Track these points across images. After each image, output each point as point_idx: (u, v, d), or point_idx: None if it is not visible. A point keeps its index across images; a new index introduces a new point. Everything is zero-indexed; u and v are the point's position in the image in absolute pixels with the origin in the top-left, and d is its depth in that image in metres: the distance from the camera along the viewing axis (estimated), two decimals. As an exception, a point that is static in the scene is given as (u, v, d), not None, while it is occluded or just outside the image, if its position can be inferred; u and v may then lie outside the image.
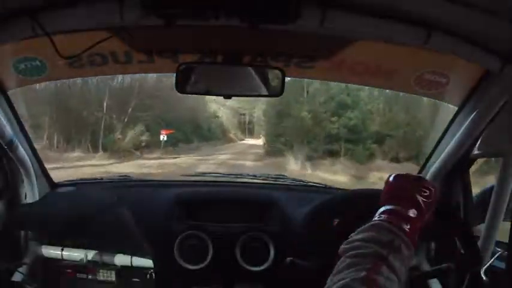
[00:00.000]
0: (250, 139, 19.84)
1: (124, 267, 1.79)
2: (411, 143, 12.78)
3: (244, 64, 1.55)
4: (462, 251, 1.26)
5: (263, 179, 2.19)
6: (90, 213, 1.76)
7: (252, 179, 2.25)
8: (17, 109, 1.67)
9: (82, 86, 13.40)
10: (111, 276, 1.80)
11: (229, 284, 1.73)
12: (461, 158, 1.66)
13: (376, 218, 0.92)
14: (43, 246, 1.82)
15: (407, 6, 1.10)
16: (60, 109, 12.81)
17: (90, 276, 1.81)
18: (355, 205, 1.55)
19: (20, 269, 1.73)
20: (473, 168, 1.73)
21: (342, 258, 0.84)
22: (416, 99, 12.04)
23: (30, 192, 1.81)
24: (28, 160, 1.74)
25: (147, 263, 1.75)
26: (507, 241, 1.38)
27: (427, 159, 1.82)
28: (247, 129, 21.00)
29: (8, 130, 1.58)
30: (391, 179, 1.03)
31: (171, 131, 14.11)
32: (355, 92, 13.94)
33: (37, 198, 1.83)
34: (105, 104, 13.71)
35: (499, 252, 1.48)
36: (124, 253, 1.77)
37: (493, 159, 1.88)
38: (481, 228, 1.52)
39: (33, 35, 1.14)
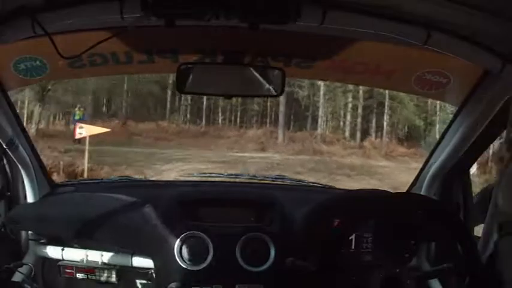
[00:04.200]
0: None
1: (124, 267, 1.78)
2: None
3: (244, 64, 1.55)
4: (461, 253, 1.26)
5: (263, 179, 2.19)
6: (90, 214, 1.76)
7: (251, 179, 2.25)
8: (17, 109, 1.67)
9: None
10: (111, 276, 1.80)
11: (230, 284, 1.72)
12: (461, 158, 1.66)
13: None
14: (43, 246, 1.81)
15: (407, 6, 1.10)
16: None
17: (90, 276, 1.80)
18: (355, 205, 1.55)
19: (20, 269, 1.72)
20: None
21: None
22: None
23: (30, 192, 1.81)
24: (28, 160, 1.74)
25: (147, 263, 1.75)
26: None
27: (428, 159, 1.82)
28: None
29: (8, 130, 1.58)
30: None
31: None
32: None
33: (37, 198, 1.83)
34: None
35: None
36: (124, 253, 1.77)
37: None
38: (481, 229, 1.52)
39: (34, 35, 1.14)
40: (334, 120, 15.11)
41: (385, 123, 15.17)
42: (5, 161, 1.70)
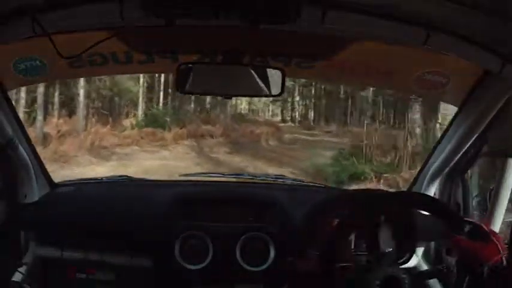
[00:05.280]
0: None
1: (124, 267, 1.79)
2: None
3: (244, 64, 1.55)
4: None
5: (263, 179, 2.20)
6: (90, 213, 1.76)
7: (251, 179, 2.26)
8: (17, 109, 1.67)
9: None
10: (111, 276, 1.80)
11: (229, 284, 1.73)
12: (461, 157, 1.66)
13: None
14: (43, 246, 1.81)
15: (407, 6, 1.10)
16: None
17: (90, 276, 1.81)
18: (355, 205, 1.55)
19: (20, 269, 1.73)
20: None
21: None
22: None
23: (30, 192, 1.81)
24: (28, 160, 1.74)
25: (147, 263, 1.75)
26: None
27: (428, 159, 1.82)
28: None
29: (8, 130, 1.58)
30: None
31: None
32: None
33: (37, 198, 1.83)
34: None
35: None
36: (124, 253, 1.77)
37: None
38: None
39: (34, 35, 1.14)
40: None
41: (81, 91, 10.42)
42: (4, 161, 1.70)
